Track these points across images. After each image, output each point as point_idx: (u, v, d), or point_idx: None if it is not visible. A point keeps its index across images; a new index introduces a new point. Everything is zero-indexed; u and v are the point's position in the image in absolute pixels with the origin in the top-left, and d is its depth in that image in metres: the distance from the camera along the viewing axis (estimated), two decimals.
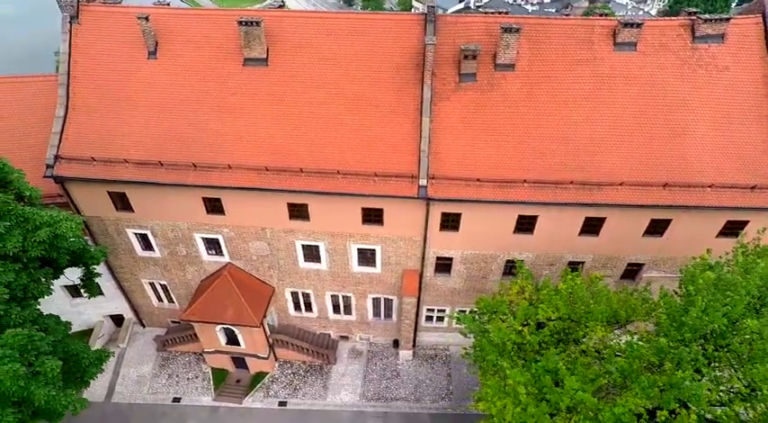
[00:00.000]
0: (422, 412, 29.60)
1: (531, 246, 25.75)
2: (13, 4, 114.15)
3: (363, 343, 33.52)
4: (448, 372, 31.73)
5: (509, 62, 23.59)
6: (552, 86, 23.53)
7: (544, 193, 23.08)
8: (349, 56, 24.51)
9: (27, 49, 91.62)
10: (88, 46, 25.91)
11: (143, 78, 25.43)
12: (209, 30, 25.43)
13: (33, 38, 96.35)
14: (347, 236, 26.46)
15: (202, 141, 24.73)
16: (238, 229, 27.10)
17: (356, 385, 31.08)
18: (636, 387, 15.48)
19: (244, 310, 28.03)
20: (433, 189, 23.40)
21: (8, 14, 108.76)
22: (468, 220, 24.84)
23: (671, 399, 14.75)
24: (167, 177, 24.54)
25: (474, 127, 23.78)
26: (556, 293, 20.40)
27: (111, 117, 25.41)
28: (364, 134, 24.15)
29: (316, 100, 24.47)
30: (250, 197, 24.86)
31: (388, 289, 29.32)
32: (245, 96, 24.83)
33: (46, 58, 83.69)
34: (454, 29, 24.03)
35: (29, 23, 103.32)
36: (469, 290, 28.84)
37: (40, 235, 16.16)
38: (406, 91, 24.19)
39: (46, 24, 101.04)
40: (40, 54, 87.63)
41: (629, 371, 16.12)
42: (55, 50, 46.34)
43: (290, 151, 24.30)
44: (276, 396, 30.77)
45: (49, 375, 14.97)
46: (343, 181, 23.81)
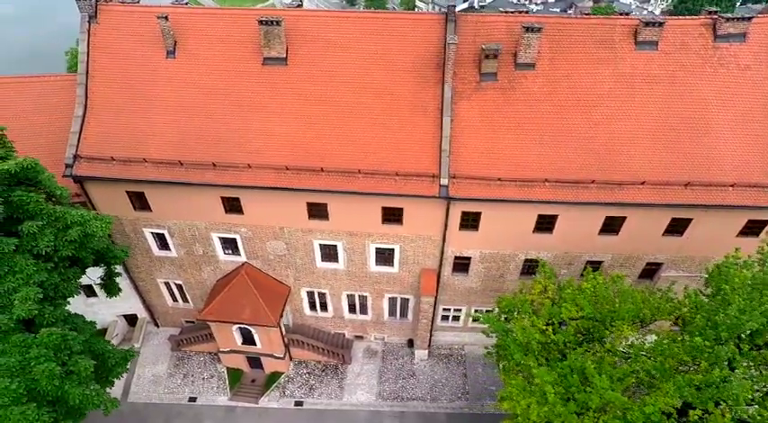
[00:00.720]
0: (438, 412, 29.60)
1: (549, 245, 25.74)
2: (13, 3, 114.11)
3: (378, 343, 33.50)
4: (463, 371, 31.72)
5: (530, 61, 23.58)
6: (573, 86, 23.52)
7: (565, 192, 23.08)
8: (369, 55, 24.49)
9: (27, 50, 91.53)
10: (106, 45, 25.89)
11: (162, 77, 25.41)
12: (227, 29, 25.41)
13: (33, 38, 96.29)
14: (366, 235, 26.45)
15: (222, 140, 24.71)
16: (256, 229, 27.08)
17: (372, 385, 31.07)
18: (669, 386, 15.46)
19: (261, 309, 28.01)
20: (454, 188, 23.39)
21: (8, 14, 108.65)
22: (488, 220, 24.83)
23: (708, 398, 14.74)
24: (187, 177, 24.53)
25: (495, 126, 23.77)
26: (580, 292, 20.38)
27: (129, 116, 25.39)
28: (385, 133, 24.13)
29: (335, 100, 24.45)
30: (269, 196, 24.84)
31: (405, 288, 29.31)
32: (264, 96, 24.82)
33: (46, 59, 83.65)
34: (474, 28, 24.02)
35: (29, 23, 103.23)
36: (486, 289, 28.83)
37: (71, 234, 16.14)
38: (426, 90, 24.18)
39: (46, 24, 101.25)
40: (40, 54, 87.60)
41: (661, 370, 16.09)
42: (66, 50, 46.28)
43: (309, 151, 24.29)
44: (292, 396, 30.76)
45: (83, 375, 14.96)
46: (364, 180, 23.80)
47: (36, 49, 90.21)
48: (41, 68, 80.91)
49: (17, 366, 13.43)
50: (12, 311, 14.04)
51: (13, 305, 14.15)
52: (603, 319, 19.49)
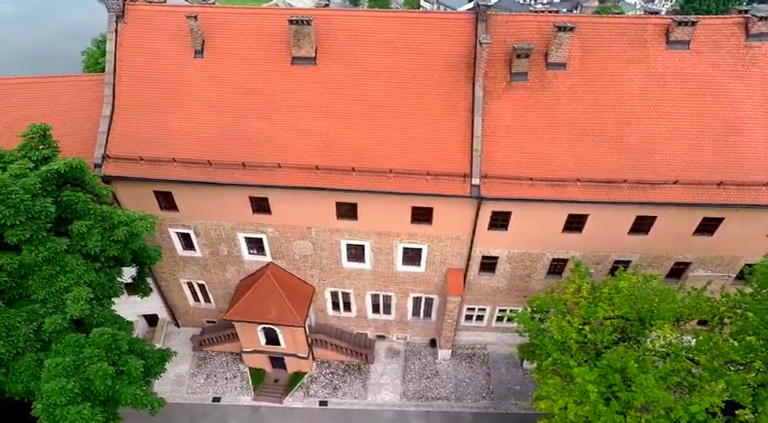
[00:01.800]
0: (464, 411, 29.59)
1: (578, 245, 25.75)
2: (12, 3, 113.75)
3: (400, 342, 33.48)
4: (487, 371, 31.71)
5: (561, 61, 23.58)
6: (604, 85, 23.53)
7: (597, 191, 23.09)
8: (398, 55, 24.46)
9: (27, 50, 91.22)
10: (134, 45, 25.83)
11: (190, 77, 25.36)
12: (255, 28, 25.35)
13: (34, 38, 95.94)
14: (394, 235, 26.43)
15: (251, 140, 24.68)
16: (283, 229, 27.04)
17: (396, 385, 31.06)
18: (718, 385, 15.46)
19: (287, 309, 27.98)
20: (486, 188, 23.39)
21: (8, 14, 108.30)
22: (518, 219, 24.83)
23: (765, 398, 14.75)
24: (215, 176, 24.50)
25: (526, 126, 23.77)
26: (616, 292, 20.39)
27: (157, 116, 25.34)
28: (415, 133, 24.12)
29: (365, 99, 24.43)
30: (298, 196, 24.82)
31: (430, 288, 29.30)
32: (293, 95, 24.78)
33: (47, 59, 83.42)
34: (505, 28, 24.00)
35: (29, 23, 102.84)
36: (512, 289, 28.84)
37: (118, 234, 16.09)
38: (456, 90, 24.17)
39: (46, 24, 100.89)
40: (41, 54, 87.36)
41: (710, 369, 16.10)
42: (82, 50, 46.17)
43: (339, 150, 24.27)
44: (316, 396, 30.73)
45: (133, 374, 14.93)
46: (395, 180, 23.79)
47: (36, 49, 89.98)
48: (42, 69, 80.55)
49: (71, 366, 13.41)
50: (65, 311, 14.03)
51: (65, 305, 14.12)
52: (642, 319, 19.47)
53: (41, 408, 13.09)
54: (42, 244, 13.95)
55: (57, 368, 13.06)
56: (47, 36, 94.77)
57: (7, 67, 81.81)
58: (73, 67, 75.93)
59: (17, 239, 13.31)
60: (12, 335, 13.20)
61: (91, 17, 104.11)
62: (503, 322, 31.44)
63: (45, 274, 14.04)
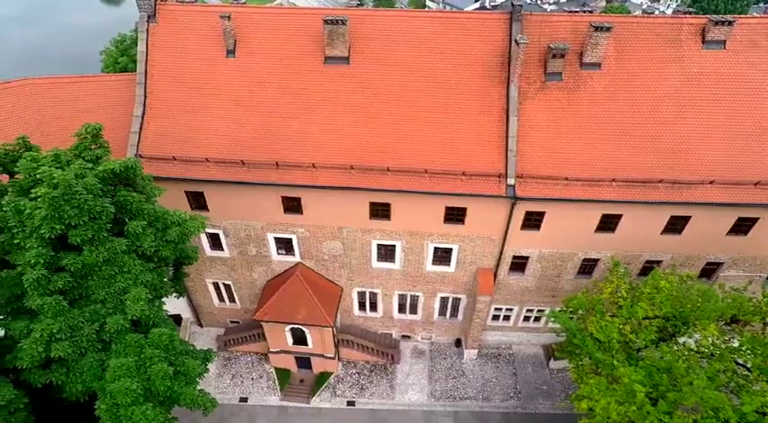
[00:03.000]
0: (493, 411, 29.60)
1: (610, 245, 25.75)
2: (13, 4, 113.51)
3: (425, 342, 33.49)
4: (513, 371, 31.73)
5: (596, 61, 23.60)
6: (639, 85, 23.55)
7: (633, 191, 23.12)
8: (432, 55, 24.46)
9: (27, 50, 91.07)
10: (165, 45, 25.80)
11: (222, 77, 25.34)
12: (288, 28, 25.33)
13: (33, 38, 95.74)
14: (426, 235, 26.44)
15: (284, 140, 24.68)
16: (314, 229, 27.03)
17: (423, 385, 31.07)
18: None
19: (317, 309, 27.97)
20: (521, 188, 23.41)
21: (8, 14, 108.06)
22: (551, 219, 24.85)
23: None
24: (249, 176, 24.49)
25: (560, 126, 23.78)
26: (657, 291, 20.40)
27: (189, 116, 25.33)
28: (449, 133, 24.13)
29: (399, 99, 24.43)
30: (332, 196, 24.82)
31: (458, 288, 29.30)
32: (326, 95, 24.78)
33: (48, 59, 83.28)
34: (539, 27, 24.00)
35: (29, 23, 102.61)
36: (541, 289, 28.86)
37: (171, 234, 16.09)
38: (491, 89, 24.18)
39: (46, 25, 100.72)
40: (41, 55, 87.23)
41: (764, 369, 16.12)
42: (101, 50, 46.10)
43: (373, 150, 24.27)
44: (343, 396, 30.74)
45: (191, 375, 14.93)
46: (431, 180, 23.80)
47: (37, 49, 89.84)
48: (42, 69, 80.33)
49: (134, 367, 13.39)
50: (125, 312, 14.01)
51: (125, 305, 14.10)
52: (685, 318, 19.49)
53: (105, 408, 13.08)
54: (102, 244, 13.93)
55: (121, 369, 13.05)
56: (46, 36, 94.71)
57: (8, 67, 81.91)
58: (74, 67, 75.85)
59: (80, 239, 13.30)
60: (76, 335, 13.19)
61: (91, 17, 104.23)
62: (529, 322, 31.47)
63: (104, 274, 14.03)
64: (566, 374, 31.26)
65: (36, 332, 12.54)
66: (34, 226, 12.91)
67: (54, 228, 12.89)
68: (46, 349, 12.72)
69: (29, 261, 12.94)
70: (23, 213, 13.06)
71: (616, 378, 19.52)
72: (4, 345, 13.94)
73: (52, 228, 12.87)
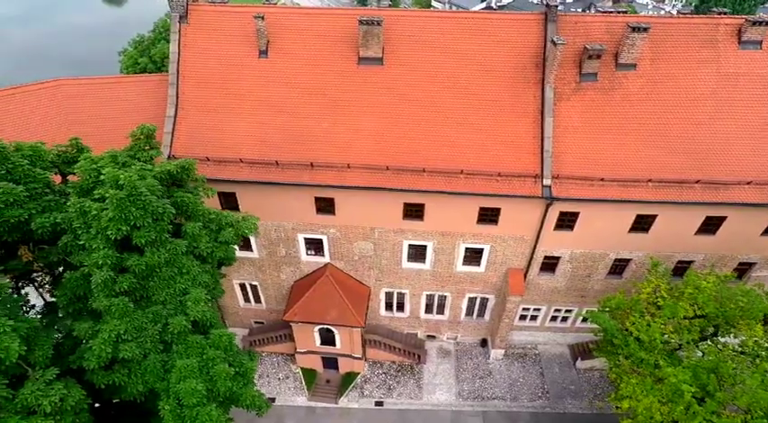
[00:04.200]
0: (521, 411, 29.62)
1: (643, 245, 25.80)
2: (14, 3, 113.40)
3: (450, 342, 33.52)
4: (540, 370, 31.76)
5: (631, 62, 23.62)
6: (675, 86, 23.58)
7: (669, 192, 23.16)
8: (466, 55, 24.47)
9: (28, 50, 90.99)
10: (197, 45, 25.80)
11: (254, 77, 25.33)
12: (321, 29, 25.32)
13: (35, 38, 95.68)
14: (458, 235, 26.46)
15: (318, 140, 24.69)
16: (345, 230, 27.05)
17: (450, 384, 31.10)
18: None
19: (347, 310, 27.99)
20: (557, 189, 23.45)
21: (9, 14, 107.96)
22: (585, 220, 24.88)
23: None
24: (283, 177, 24.50)
25: (595, 127, 23.82)
26: (700, 292, 20.44)
27: (221, 116, 25.33)
28: (484, 134, 24.16)
29: (433, 99, 24.45)
30: (365, 197, 24.84)
31: (487, 288, 29.34)
32: (360, 95, 24.79)
33: (49, 59, 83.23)
34: (574, 28, 24.01)
35: (30, 23, 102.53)
36: (570, 289, 28.90)
37: (225, 235, 16.12)
38: (525, 91, 24.20)
39: (46, 25, 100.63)
40: (43, 55, 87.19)
41: None
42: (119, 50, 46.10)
43: (408, 151, 24.30)
44: (371, 396, 30.76)
45: (248, 376, 14.95)
46: (466, 181, 23.83)
47: (38, 49, 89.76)
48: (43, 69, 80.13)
49: (197, 367, 13.41)
50: (187, 313, 14.03)
51: (185, 306, 14.12)
52: (729, 318, 19.52)
53: (169, 408, 13.10)
54: (163, 246, 13.95)
55: (187, 369, 13.06)
56: (47, 37, 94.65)
57: (9, 67, 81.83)
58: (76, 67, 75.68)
59: (144, 241, 13.32)
60: (140, 336, 13.20)
61: (92, 18, 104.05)
62: (556, 322, 31.51)
63: (165, 275, 14.04)
64: (593, 374, 31.39)
65: (104, 333, 12.54)
66: (101, 227, 12.92)
67: (120, 229, 12.90)
68: (114, 350, 12.74)
69: (96, 262, 12.95)
70: (88, 214, 13.08)
71: (659, 378, 19.57)
72: (64, 345, 13.95)
73: (119, 229, 12.88)
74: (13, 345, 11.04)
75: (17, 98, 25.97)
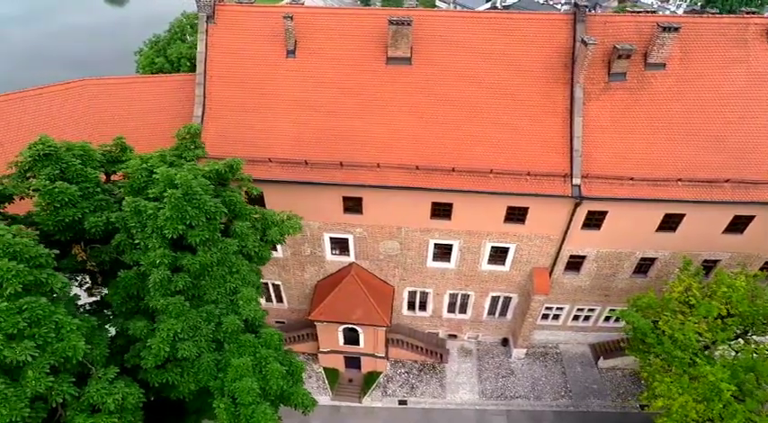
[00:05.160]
0: (545, 410, 29.70)
1: (670, 244, 25.88)
2: (16, 4, 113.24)
3: (471, 341, 33.59)
4: (562, 370, 31.84)
5: (661, 61, 23.69)
6: (705, 85, 23.65)
7: (699, 191, 23.24)
8: (495, 55, 24.53)
9: (30, 50, 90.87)
10: (224, 45, 25.83)
11: (282, 77, 25.38)
12: (348, 29, 25.37)
13: (36, 39, 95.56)
14: (484, 234, 26.53)
15: (346, 140, 24.75)
16: (372, 229, 27.10)
17: (473, 383, 31.18)
18: None
19: (373, 309, 28.06)
20: (587, 188, 23.53)
21: (11, 14, 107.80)
22: (613, 219, 24.96)
23: None
24: (313, 176, 24.55)
25: (624, 126, 23.89)
26: (734, 291, 20.52)
27: (249, 116, 25.38)
28: (513, 133, 24.23)
29: (462, 99, 24.51)
30: (394, 196, 24.90)
31: (511, 287, 29.41)
32: (389, 95, 24.84)
33: (50, 60, 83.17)
34: (603, 28, 24.06)
35: (32, 24, 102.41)
36: (594, 288, 28.98)
37: (271, 235, 16.18)
38: (554, 90, 24.26)
39: (46, 25, 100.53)
40: (44, 55, 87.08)
41: None
42: (135, 50, 46.10)
43: (436, 150, 24.37)
44: (394, 395, 30.84)
45: (298, 374, 15.01)
46: (495, 180, 23.90)
47: (39, 50, 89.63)
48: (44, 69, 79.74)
49: (251, 366, 13.46)
50: (239, 312, 14.09)
51: (237, 305, 14.18)
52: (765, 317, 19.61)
53: (224, 407, 13.15)
54: (215, 245, 14.00)
55: (242, 368, 13.12)
56: (47, 37, 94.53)
57: (9, 67, 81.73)
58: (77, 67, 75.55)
59: (199, 240, 13.37)
60: (195, 335, 13.25)
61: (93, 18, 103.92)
62: (578, 321, 31.59)
63: (216, 274, 14.09)
64: (615, 373, 31.49)
65: (162, 332, 12.58)
66: (156, 226, 12.97)
67: (177, 228, 12.95)
68: (171, 349, 12.79)
69: (153, 261, 13.00)
70: (143, 214, 13.12)
71: (694, 376, 19.65)
72: (115, 344, 14.00)
73: (175, 228, 12.93)
74: (80, 343, 11.10)
75: (44, 98, 25.99)
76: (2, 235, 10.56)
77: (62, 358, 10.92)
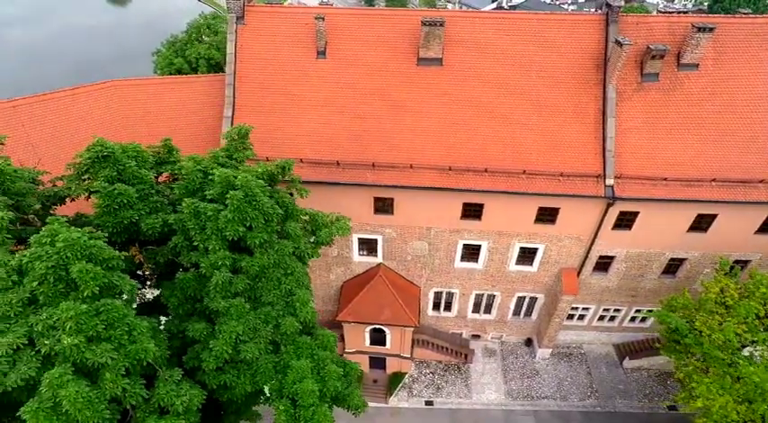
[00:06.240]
0: (572, 411, 29.71)
1: (700, 244, 25.90)
2: (17, 4, 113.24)
3: (494, 342, 33.60)
4: (587, 370, 31.85)
5: (694, 62, 23.70)
6: (738, 85, 23.66)
7: (733, 191, 23.28)
8: (526, 56, 24.55)
9: (31, 50, 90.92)
10: (254, 46, 25.84)
11: (314, 78, 25.39)
12: (378, 29, 25.38)
13: (37, 39, 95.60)
14: (514, 235, 26.55)
15: (378, 140, 24.77)
16: (402, 229, 27.12)
17: (498, 384, 31.19)
18: None
19: (401, 310, 28.05)
20: (620, 188, 23.56)
21: (13, 14, 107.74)
22: (644, 219, 24.98)
23: None
24: (345, 177, 24.56)
25: (657, 126, 23.91)
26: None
27: (279, 117, 25.39)
28: (545, 134, 24.25)
29: (493, 100, 24.54)
30: (426, 197, 24.91)
31: (537, 287, 29.42)
32: (420, 95, 24.86)
33: (52, 60, 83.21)
34: (635, 29, 24.07)
35: (33, 24, 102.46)
36: (621, 288, 29.00)
37: (322, 236, 16.21)
38: (586, 91, 24.28)
39: (51, 25, 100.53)
40: (45, 55, 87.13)
41: None
42: (152, 51, 46.06)
43: (468, 151, 24.39)
44: (420, 395, 30.84)
45: (352, 376, 15.03)
46: (528, 181, 23.92)
47: (40, 50, 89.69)
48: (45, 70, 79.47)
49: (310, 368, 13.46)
50: (296, 314, 14.08)
51: (293, 307, 14.17)
52: None
53: (284, 408, 13.16)
54: (272, 247, 14.01)
55: (303, 370, 13.12)
56: (47, 38, 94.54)
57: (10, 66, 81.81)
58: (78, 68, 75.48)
59: (258, 241, 13.38)
60: (255, 337, 13.26)
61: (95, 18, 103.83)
62: (603, 321, 31.61)
63: (272, 276, 14.08)
64: (641, 374, 31.50)
65: (225, 334, 12.59)
66: (217, 228, 12.97)
67: (237, 230, 12.96)
68: (233, 351, 12.79)
69: (215, 263, 13.00)
70: (202, 215, 13.12)
71: (735, 376, 19.66)
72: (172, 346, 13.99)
73: (236, 230, 12.94)
74: (150, 345, 11.11)
75: (75, 99, 26.01)
76: (79, 237, 10.56)
77: (135, 360, 10.93)
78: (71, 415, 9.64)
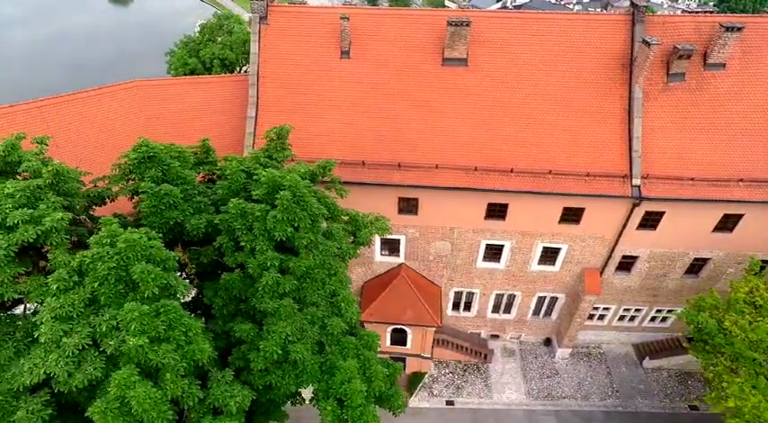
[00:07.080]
0: (594, 410, 29.70)
1: (725, 244, 25.90)
2: (18, 5, 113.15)
3: (513, 341, 33.60)
4: (607, 370, 31.84)
5: (721, 61, 23.69)
6: (765, 85, 23.66)
7: (760, 191, 23.28)
8: (551, 56, 24.54)
9: (32, 51, 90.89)
10: (277, 46, 25.81)
11: (338, 78, 25.37)
12: (403, 29, 25.36)
13: (38, 39, 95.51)
14: (537, 235, 26.54)
15: (403, 141, 24.76)
16: (425, 229, 27.10)
17: (519, 384, 31.19)
18: None
19: (423, 310, 28.05)
20: (647, 188, 23.56)
21: (13, 14, 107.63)
22: (669, 219, 24.97)
23: None
24: (371, 177, 24.53)
25: (684, 126, 23.91)
26: None
27: (303, 117, 25.32)
28: (571, 134, 24.25)
29: (518, 100, 24.53)
30: (450, 197, 24.90)
31: (558, 287, 29.41)
32: (445, 96, 24.85)
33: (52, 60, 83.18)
34: (662, 29, 24.05)
35: (34, 24, 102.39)
36: (643, 288, 29.00)
37: (362, 236, 16.20)
38: (612, 91, 24.28)
39: (52, 26, 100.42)
40: (46, 56, 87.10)
41: None
42: (166, 51, 46.03)
43: (493, 151, 24.39)
44: (440, 395, 30.83)
45: (395, 376, 15.01)
46: (554, 181, 23.91)
47: (41, 50, 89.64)
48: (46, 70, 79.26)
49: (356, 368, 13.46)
50: (342, 314, 14.07)
51: (338, 308, 14.16)
52: None
53: (331, 409, 13.15)
54: (316, 247, 14.00)
55: (351, 370, 13.11)
56: (51, 37, 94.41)
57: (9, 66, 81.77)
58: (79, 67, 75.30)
59: (306, 242, 13.36)
60: (303, 338, 13.24)
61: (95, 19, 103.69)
62: (624, 321, 31.62)
63: (317, 276, 14.07)
64: (661, 374, 31.51)
65: (275, 335, 12.58)
66: (266, 228, 12.95)
67: (286, 230, 12.95)
68: (282, 352, 12.78)
69: (263, 264, 12.99)
70: (249, 215, 13.11)
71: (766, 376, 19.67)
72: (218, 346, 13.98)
73: (284, 230, 12.92)
74: (206, 346, 11.11)
75: (98, 99, 25.98)
76: (139, 238, 10.56)
77: (191, 361, 10.92)
78: (137, 416, 9.63)
